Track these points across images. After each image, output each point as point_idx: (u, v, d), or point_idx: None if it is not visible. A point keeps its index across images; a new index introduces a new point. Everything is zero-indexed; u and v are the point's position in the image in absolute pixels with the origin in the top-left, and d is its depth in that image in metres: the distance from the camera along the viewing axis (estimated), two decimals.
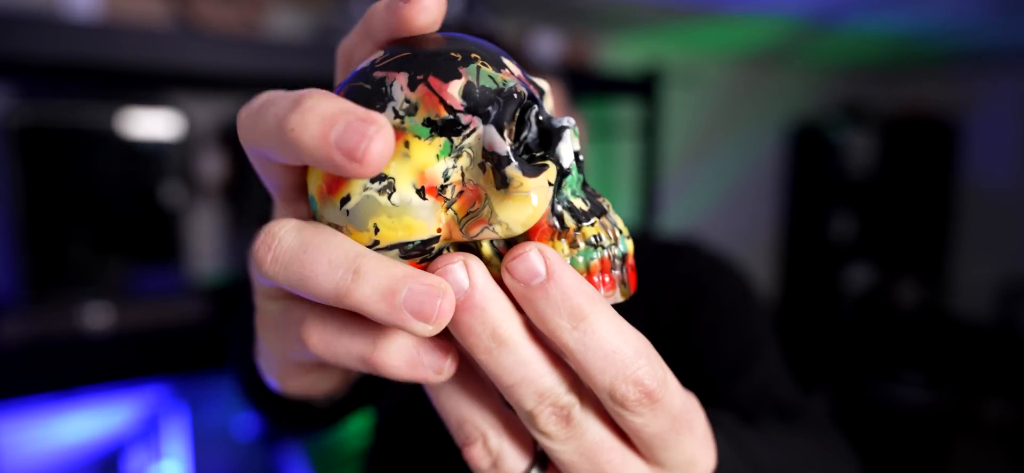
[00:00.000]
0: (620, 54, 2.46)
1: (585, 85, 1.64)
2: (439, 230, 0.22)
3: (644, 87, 1.76)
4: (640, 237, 0.65)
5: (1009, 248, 3.04)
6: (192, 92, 1.44)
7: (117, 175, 1.24)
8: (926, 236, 3.25)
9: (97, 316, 1.20)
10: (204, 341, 1.23)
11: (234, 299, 1.40)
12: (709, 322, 0.55)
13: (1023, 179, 3.02)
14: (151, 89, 1.33)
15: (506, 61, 0.23)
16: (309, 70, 1.18)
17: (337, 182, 0.21)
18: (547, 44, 1.77)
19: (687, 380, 0.31)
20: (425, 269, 0.21)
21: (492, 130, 0.21)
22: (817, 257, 3.15)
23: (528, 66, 0.61)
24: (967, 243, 3.22)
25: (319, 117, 0.19)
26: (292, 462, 1.37)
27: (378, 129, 0.18)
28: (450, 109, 0.21)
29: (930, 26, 2.21)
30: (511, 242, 0.22)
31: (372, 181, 0.21)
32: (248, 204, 1.45)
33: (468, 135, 0.21)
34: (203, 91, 1.46)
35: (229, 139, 1.52)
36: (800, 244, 3.19)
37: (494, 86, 0.21)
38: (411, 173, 0.21)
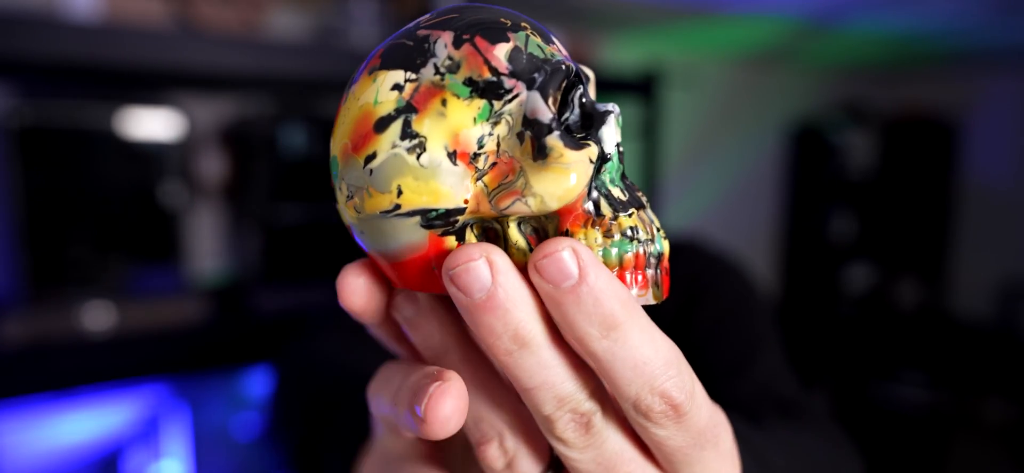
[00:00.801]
0: (620, 54, 2.46)
1: None
2: (466, 201, 0.20)
3: (644, 87, 1.76)
4: None
5: (1009, 248, 3.04)
6: (192, 92, 1.44)
7: (117, 175, 1.24)
8: (926, 236, 3.24)
9: (97, 316, 1.19)
10: (204, 341, 1.23)
11: (235, 302, 1.40)
12: (710, 321, 0.55)
13: (1023, 179, 3.01)
14: (151, 89, 1.33)
15: (554, 39, 0.22)
16: (309, 70, 1.18)
17: (364, 138, 0.20)
18: None
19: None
20: (446, 253, 0.20)
21: (536, 96, 0.20)
22: (817, 257, 3.15)
23: None
24: (967, 243, 3.22)
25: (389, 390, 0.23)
26: None
27: (442, 386, 0.20)
28: (494, 71, 0.20)
29: (930, 26, 2.21)
30: (540, 230, 0.21)
31: (402, 138, 0.20)
32: (248, 204, 1.45)
33: (510, 100, 0.20)
34: (203, 91, 1.46)
35: (229, 139, 1.52)
36: (800, 244, 3.19)
37: (542, 55, 0.20)
38: (445, 134, 0.20)
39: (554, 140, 0.20)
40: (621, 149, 0.22)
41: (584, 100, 0.21)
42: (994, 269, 3.09)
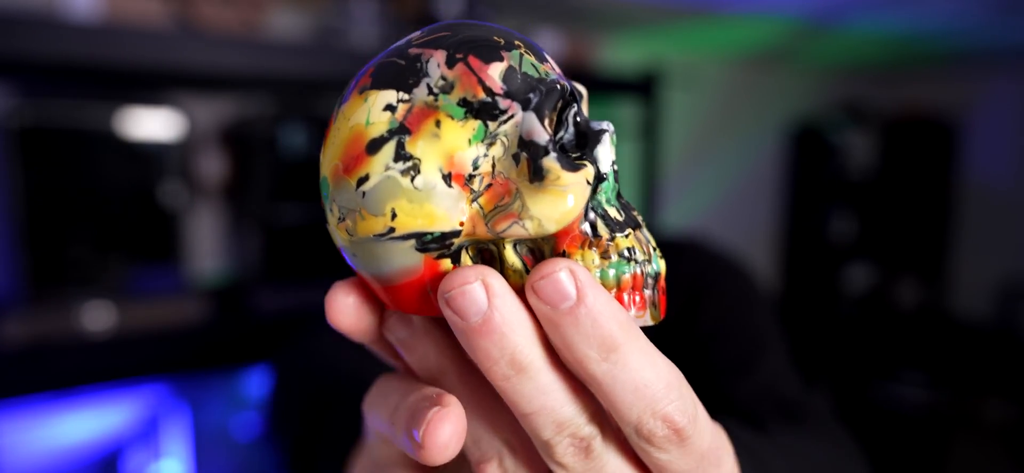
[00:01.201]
0: (620, 54, 2.46)
1: (585, 85, 1.64)
2: (462, 223, 0.20)
3: (644, 87, 1.76)
4: None
5: (1009, 248, 3.04)
6: (192, 92, 1.44)
7: (117, 175, 1.24)
8: (926, 236, 3.24)
9: (97, 316, 1.20)
10: (204, 341, 1.23)
11: (235, 302, 1.40)
12: (713, 320, 0.54)
13: (1023, 179, 3.01)
14: (151, 89, 1.33)
15: (548, 57, 0.22)
16: (309, 70, 1.18)
17: (356, 160, 0.20)
18: (547, 44, 1.77)
19: (691, 379, 0.31)
20: (441, 277, 0.20)
21: (532, 117, 0.20)
22: (817, 257, 3.15)
23: None
24: (967, 243, 3.21)
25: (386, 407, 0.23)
26: None
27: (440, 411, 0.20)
28: (489, 91, 0.19)
29: (930, 26, 2.21)
30: (537, 251, 0.21)
31: (396, 160, 0.19)
32: (248, 204, 1.45)
33: (505, 121, 0.20)
34: (203, 91, 1.46)
35: (229, 139, 1.52)
36: (800, 244, 3.19)
37: (536, 75, 0.20)
38: (439, 156, 0.19)
39: (551, 162, 0.19)
40: (616, 168, 0.22)
41: (579, 119, 0.21)
42: (994, 269, 3.09)
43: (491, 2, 1.69)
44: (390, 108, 0.20)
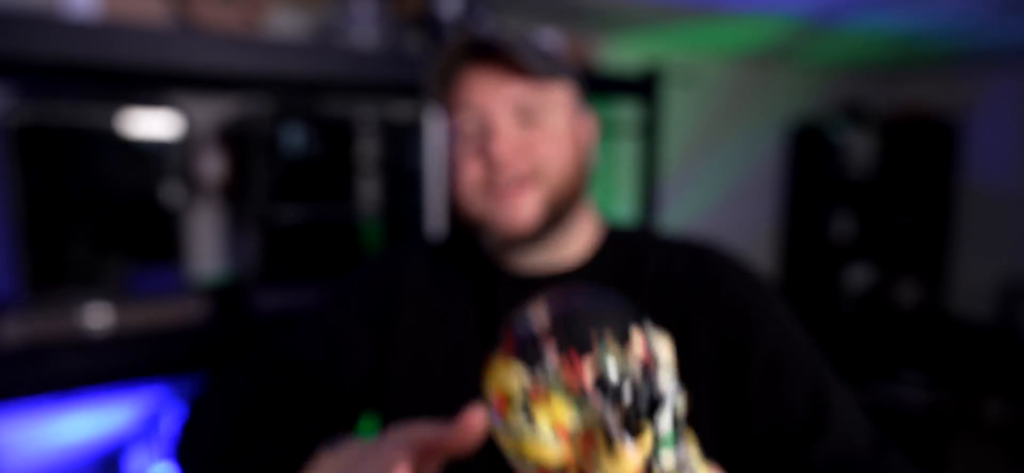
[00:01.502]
0: (620, 54, 2.46)
1: (584, 85, 1.64)
2: (566, 463, 0.34)
3: (644, 87, 1.76)
4: (646, 231, 0.66)
5: (1009, 248, 3.04)
6: (192, 92, 1.44)
7: (117, 175, 1.24)
8: (926, 236, 3.24)
9: (97, 316, 1.19)
10: (204, 341, 1.23)
11: (235, 302, 1.40)
12: (766, 359, 0.56)
13: (1023, 179, 3.01)
14: (151, 89, 1.33)
15: (634, 332, 0.34)
16: (309, 70, 1.18)
17: (502, 405, 0.35)
18: (547, 44, 1.77)
19: (757, 423, 0.48)
20: None
21: (610, 411, 0.32)
22: (817, 257, 3.15)
23: (541, 63, 0.62)
24: (967, 243, 3.21)
25: None
26: None
27: None
28: (581, 385, 0.33)
29: (930, 26, 2.21)
30: None
31: (523, 414, 0.34)
32: (248, 204, 1.45)
33: (594, 404, 0.33)
34: (203, 91, 1.46)
35: (229, 139, 1.52)
36: (800, 244, 3.19)
37: (619, 374, 0.33)
38: (549, 418, 0.33)
39: (620, 443, 0.31)
40: (678, 421, 0.33)
41: (653, 384, 0.32)
42: (994, 269, 3.09)
43: (491, 2, 1.69)
44: (521, 381, 0.34)
